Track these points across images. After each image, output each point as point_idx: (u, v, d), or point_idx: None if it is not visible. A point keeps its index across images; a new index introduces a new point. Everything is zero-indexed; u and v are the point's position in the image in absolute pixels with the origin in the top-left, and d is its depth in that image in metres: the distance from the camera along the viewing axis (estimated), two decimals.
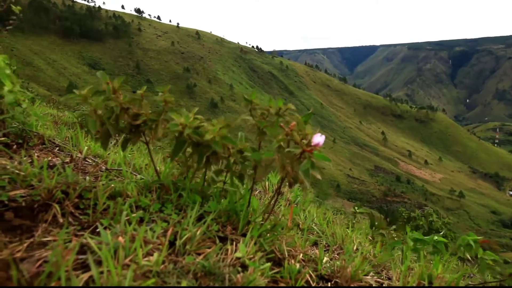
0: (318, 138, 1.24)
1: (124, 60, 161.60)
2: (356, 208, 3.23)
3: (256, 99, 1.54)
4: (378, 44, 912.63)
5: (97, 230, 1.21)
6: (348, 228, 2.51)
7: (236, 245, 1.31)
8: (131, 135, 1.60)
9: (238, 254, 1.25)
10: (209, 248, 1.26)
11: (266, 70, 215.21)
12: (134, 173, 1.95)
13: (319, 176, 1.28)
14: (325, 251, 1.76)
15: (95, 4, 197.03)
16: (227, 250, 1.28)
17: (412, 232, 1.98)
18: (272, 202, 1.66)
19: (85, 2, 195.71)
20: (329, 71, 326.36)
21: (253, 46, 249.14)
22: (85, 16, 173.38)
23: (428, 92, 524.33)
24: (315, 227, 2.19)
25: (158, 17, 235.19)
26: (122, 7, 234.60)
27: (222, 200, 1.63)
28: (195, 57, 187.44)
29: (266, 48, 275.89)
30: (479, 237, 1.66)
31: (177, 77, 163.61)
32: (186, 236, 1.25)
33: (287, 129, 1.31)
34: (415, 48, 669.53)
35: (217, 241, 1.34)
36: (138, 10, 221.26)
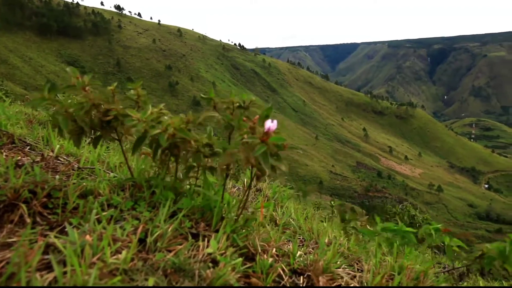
0: (269, 123, 1.28)
1: (104, 57, 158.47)
2: (332, 202, 3.29)
3: (216, 97, 1.55)
4: (359, 41, 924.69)
5: (66, 229, 1.18)
6: (324, 222, 2.56)
7: (208, 241, 1.32)
8: (102, 131, 1.57)
9: (209, 250, 1.26)
10: (181, 244, 1.25)
11: (249, 67, 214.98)
12: (108, 171, 1.93)
13: (283, 168, 1.29)
14: (300, 245, 1.77)
15: (73, 0, 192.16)
16: (198, 246, 1.28)
17: (383, 223, 2.07)
18: (245, 197, 1.63)
19: None
20: (311, 69, 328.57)
21: (235, 44, 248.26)
22: (62, 13, 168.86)
23: (407, 89, 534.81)
24: (292, 222, 2.21)
25: (139, 14, 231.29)
26: (102, 3, 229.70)
27: (196, 196, 1.62)
28: (177, 54, 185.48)
29: (248, 45, 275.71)
30: (439, 225, 2.02)
31: (158, 75, 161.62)
32: (157, 233, 1.24)
33: (251, 122, 1.34)
34: (394, 45, 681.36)
35: (190, 237, 1.34)
36: (118, 7, 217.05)
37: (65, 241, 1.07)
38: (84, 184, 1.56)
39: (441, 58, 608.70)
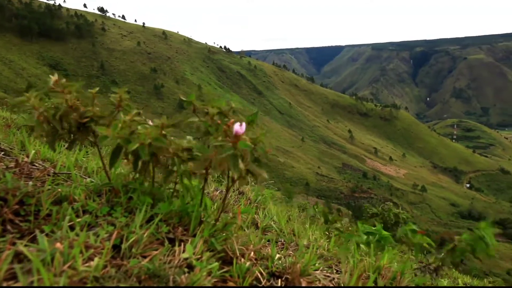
0: (237, 127, 1.27)
1: (88, 60, 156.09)
2: (315, 207, 3.32)
3: (196, 101, 1.54)
4: (343, 44, 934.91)
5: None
6: (307, 224, 2.58)
7: (184, 246, 1.30)
8: (79, 134, 1.54)
9: (184, 255, 1.24)
10: (157, 250, 1.24)
11: (235, 70, 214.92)
12: (85, 176, 1.90)
13: (265, 175, 1.30)
14: (281, 248, 1.79)
15: (54, 2, 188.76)
16: (175, 251, 1.26)
17: (362, 225, 2.08)
18: (224, 201, 1.64)
19: (44, 0, 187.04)
20: (297, 71, 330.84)
21: (221, 47, 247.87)
22: (44, 15, 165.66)
23: (391, 91, 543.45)
24: (273, 225, 2.20)
25: (123, 17, 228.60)
26: (85, 5, 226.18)
27: (174, 201, 1.59)
28: (162, 57, 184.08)
29: (234, 48, 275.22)
30: (414, 226, 2.08)
31: (144, 77, 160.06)
32: (132, 239, 1.22)
33: (225, 126, 1.33)
34: (378, 48, 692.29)
35: (166, 242, 1.32)
36: (101, 9, 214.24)
37: (35, 249, 1.04)
38: (59, 190, 1.52)
39: (423, 60, 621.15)
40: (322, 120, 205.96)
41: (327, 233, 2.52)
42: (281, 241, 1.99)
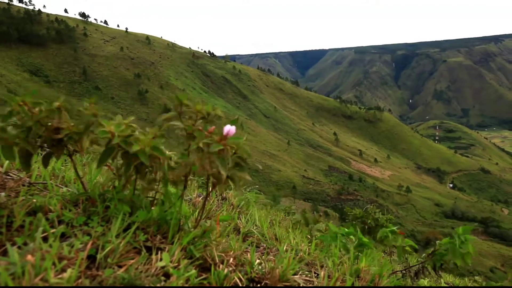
0: (228, 127, 1.29)
1: (70, 66, 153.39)
2: (303, 213, 3.35)
3: (187, 101, 1.53)
4: (327, 48, 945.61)
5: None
6: (289, 228, 2.59)
7: (161, 254, 1.28)
8: (53, 149, 1.49)
9: (161, 263, 1.22)
10: (133, 259, 1.21)
11: (219, 75, 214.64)
12: (61, 186, 1.86)
13: (247, 177, 1.30)
14: (263, 253, 1.78)
15: (34, 7, 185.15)
16: (152, 260, 1.25)
17: (340, 228, 2.09)
18: (203, 208, 1.65)
19: (23, 6, 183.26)
20: (282, 75, 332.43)
21: (205, 51, 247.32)
22: (23, 20, 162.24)
23: (375, 93, 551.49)
24: (254, 230, 2.20)
25: (105, 22, 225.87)
26: (65, 11, 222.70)
27: (153, 208, 1.58)
28: (145, 62, 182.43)
29: (218, 53, 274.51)
30: (395, 228, 2.09)
31: (127, 83, 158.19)
32: (108, 249, 1.20)
33: (207, 132, 1.34)
34: (361, 52, 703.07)
35: (144, 251, 1.30)
36: (83, 14, 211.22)
37: (5, 263, 1.01)
38: (34, 200, 1.48)
39: (405, 63, 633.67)
40: (308, 123, 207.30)
41: (309, 236, 2.54)
42: (263, 246, 1.98)
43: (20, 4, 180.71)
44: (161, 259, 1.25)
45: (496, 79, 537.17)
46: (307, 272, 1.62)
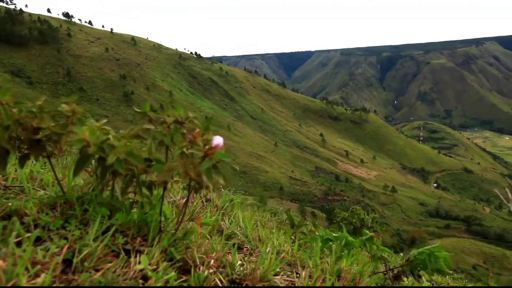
0: (219, 139, 1.28)
1: (53, 67, 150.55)
2: (288, 212, 3.36)
3: (151, 112, 1.51)
4: (313, 49, 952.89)
5: None
6: (274, 229, 2.60)
7: (140, 257, 1.26)
8: (31, 150, 1.46)
9: (139, 266, 1.20)
10: (111, 262, 1.19)
11: (206, 76, 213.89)
12: (39, 189, 1.81)
13: (222, 181, 1.27)
14: (246, 254, 1.77)
15: (15, 6, 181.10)
16: (130, 263, 1.23)
17: (325, 230, 2.09)
18: (184, 210, 1.62)
19: (4, 5, 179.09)
20: (268, 76, 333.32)
21: (191, 53, 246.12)
22: (4, 20, 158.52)
23: (360, 95, 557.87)
24: (238, 232, 2.20)
25: (90, 22, 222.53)
26: (48, 10, 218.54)
27: (133, 211, 1.56)
28: (131, 63, 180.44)
29: (205, 54, 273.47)
30: (371, 234, 2.10)
31: (112, 84, 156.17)
32: (85, 252, 1.17)
33: (191, 136, 1.32)
34: (347, 53, 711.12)
35: (122, 254, 1.27)
36: (66, 14, 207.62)
37: None
38: (9, 204, 1.44)
39: (389, 65, 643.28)
40: (294, 125, 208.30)
41: (293, 237, 2.56)
42: (246, 247, 1.98)
43: (1, 3, 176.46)
44: (139, 262, 1.23)
45: (477, 81, 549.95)
46: (289, 273, 1.62)
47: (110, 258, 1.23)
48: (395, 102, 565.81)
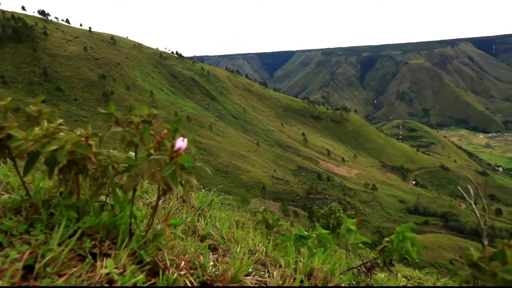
0: (180, 143, 1.25)
1: (29, 66, 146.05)
2: (262, 210, 3.39)
3: (117, 112, 1.48)
4: (295, 49, 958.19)
5: None
6: (251, 229, 2.62)
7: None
8: None
9: (104, 270, 1.17)
10: (76, 267, 1.15)
11: (188, 76, 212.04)
12: (3, 192, 1.77)
13: (194, 181, 1.26)
14: (221, 255, 1.77)
15: None
16: (97, 267, 1.20)
17: (299, 228, 2.09)
18: (154, 212, 1.59)
19: None
20: (250, 76, 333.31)
21: (172, 52, 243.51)
22: None
23: (341, 94, 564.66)
24: (213, 232, 2.19)
25: (67, 21, 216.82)
26: (23, 8, 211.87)
27: (103, 214, 1.53)
28: (111, 63, 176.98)
29: (186, 53, 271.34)
30: (350, 225, 2.13)
31: (91, 84, 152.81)
32: (48, 257, 1.13)
33: (158, 137, 1.30)
34: (328, 53, 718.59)
35: (89, 258, 1.24)
36: (42, 12, 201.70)
37: None
38: None
39: (369, 65, 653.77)
40: (276, 124, 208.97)
41: (269, 237, 2.58)
42: (222, 248, 1.97)
43: None
44: (106, 266, 1.20)
45: (453, 80, 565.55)
46: (262, 273, 1.60)
47: (75, 263, 1.19)
48: (375, 101, 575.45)
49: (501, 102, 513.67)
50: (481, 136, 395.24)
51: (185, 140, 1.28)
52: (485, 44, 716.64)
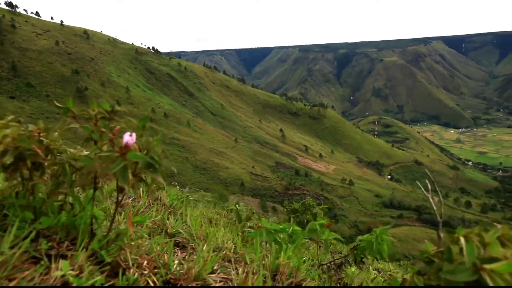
0: (127, 138, 1.21)
1: None
2: (236, 204, 3.37)
3: (74, 108, 1.42)
4: (272, 46, 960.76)
5: None
6: (222, 226, 2.60)
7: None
8: None
9: (58, 273, 1.12)
10: (28, 270, 1.10)
11: (164, 72, 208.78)
12: None
13: (160, 179, 1.23)
14: (190, 253, 1.73)
15: None
16: (52, 269, 1.15)
17: (270, 223, 2.09)
18: (115, 211, 1.53)
19: None
20: (228, 72, 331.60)
21: (149, 47, 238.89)
22: None
23: (318, 90, 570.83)
24: (182, 230, 2.15)
25: (37, 13, 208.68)
26: None
27: (62, 214, 1.46)
28: (84, 58, 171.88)
29: (162, 49, 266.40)
30: (323, 221, 2.14)
31: (64, 80, 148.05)
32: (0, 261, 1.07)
33: (111, 134, 1.26)
34: (305, 50, 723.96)
35: (44, 260, 1.18)
36: (10, 4, 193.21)
37: None
38: None
39: (346, 62, 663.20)
40: (254, 120, 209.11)
41: (241, 233, 2.57)
42: (191, 245, 1.96)
43: None
44: (61, 268, 1.16)
45: (426, 78, 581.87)
46: (228, 270, 1.57)
47: (28, 266, 1.14)
48: (352, 97, 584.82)
49: (470, 98, 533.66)
50: (452, 131, 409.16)
51: (133, 135, 1.23)
52: (455, 42, 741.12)
